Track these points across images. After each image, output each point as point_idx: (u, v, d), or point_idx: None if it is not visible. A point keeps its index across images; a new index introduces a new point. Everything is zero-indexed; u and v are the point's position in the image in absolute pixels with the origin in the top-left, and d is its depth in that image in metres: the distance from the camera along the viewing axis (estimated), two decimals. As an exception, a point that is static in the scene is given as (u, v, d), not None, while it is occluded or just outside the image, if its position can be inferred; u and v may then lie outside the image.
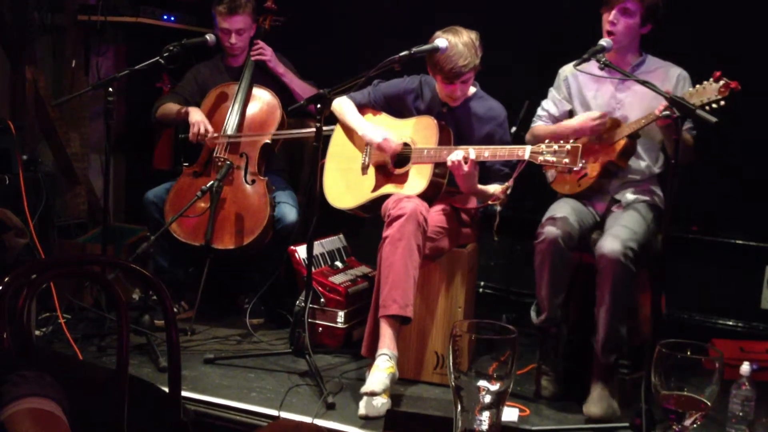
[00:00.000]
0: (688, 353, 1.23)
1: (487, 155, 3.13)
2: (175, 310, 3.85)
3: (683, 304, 4.02)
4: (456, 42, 3.20)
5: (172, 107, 4.06)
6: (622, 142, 3.16)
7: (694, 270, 4.02)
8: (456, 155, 3.11)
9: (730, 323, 4.02)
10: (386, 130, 3.45)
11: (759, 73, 3.57)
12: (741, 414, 2.79)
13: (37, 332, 3.47)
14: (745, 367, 2.80)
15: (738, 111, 2.81)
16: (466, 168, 3.10)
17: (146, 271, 1.82)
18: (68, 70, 4.61)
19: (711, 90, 2.81)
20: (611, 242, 2.94)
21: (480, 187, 3.28)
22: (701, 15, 3.84)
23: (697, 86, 2.88)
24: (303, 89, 4.11)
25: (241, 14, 4.01)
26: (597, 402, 3.00)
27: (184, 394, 2.89)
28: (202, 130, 3.87)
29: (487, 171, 3.35)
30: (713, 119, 2.70)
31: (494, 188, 3.26)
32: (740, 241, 4.00)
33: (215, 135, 3.91)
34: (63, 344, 3.41)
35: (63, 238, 4.22)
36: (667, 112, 2.79)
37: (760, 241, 3.97)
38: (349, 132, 3.62)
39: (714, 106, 2.79)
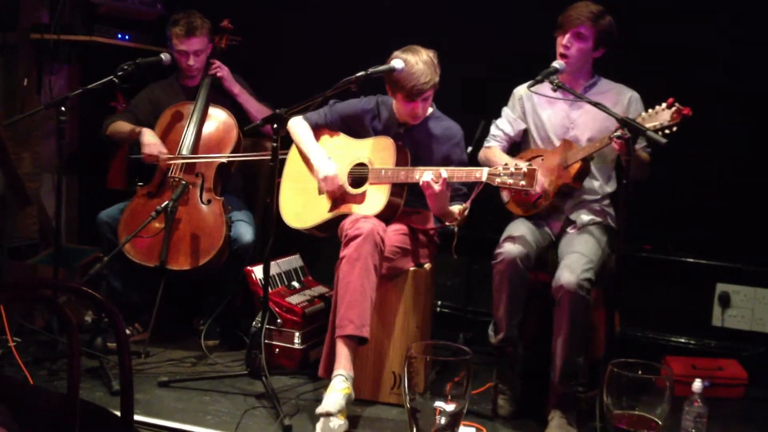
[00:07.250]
0: (639, 373, 1.24)
1: (445, 176, 3.14)
2: (128, 332, 3.80)
3: (636, 322, 4.07)
4: (416, 60, 3.23)
5: (124, 126, 4.01)
6: (577, 165, 3.20)
7: (647, 288, 4.07)
8: (427, 175, 3.11)
9: (683, 340, 4.08)
10: (337, 162, 3.45)
11: (707, 94, 3.65)
12: (694, 431, 2.82)
13: (-15, 356, 3.40)
14: (697, 384, 2.84)
15: (689, 131, 2.87)
16: (437, 188, 3.10)
17: (98, 293, 1.79)
18: (20, 89, 4.54)
19: (664, 115, 2.86)
20: (568, 274, 2.95)
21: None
22: (651, 42, 3.94)
23: (650, 110, 2.93)
24: (258, 110, 4.09)
25: (198, 36, 4.01)
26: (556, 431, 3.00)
27: (137, 418, 2.84)
28: (155, 152, 3.84)
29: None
30: (663, 140, 2.75)
31: (456, 209, 3.28)
32: (691, 260, 4.07)
33: (169, 156, 3.88)
34: (13, 368, 3.32)
35: (14, 260, 4.13)
36: (619, 133, 2.84)
37: (710, 260, 4.05)
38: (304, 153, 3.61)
39: (666, 131, 2.84)
